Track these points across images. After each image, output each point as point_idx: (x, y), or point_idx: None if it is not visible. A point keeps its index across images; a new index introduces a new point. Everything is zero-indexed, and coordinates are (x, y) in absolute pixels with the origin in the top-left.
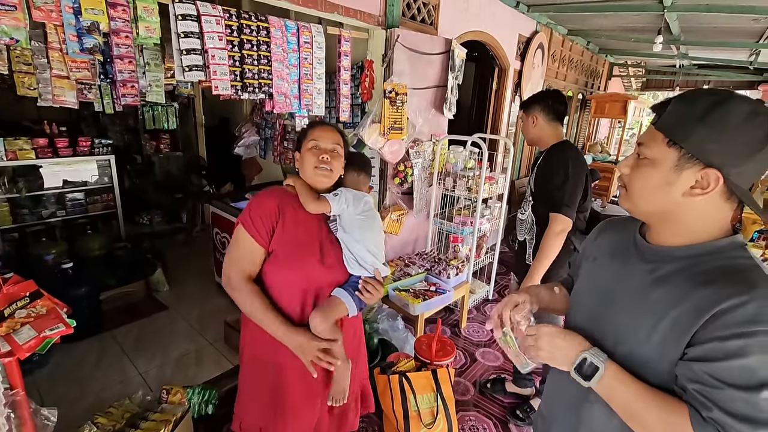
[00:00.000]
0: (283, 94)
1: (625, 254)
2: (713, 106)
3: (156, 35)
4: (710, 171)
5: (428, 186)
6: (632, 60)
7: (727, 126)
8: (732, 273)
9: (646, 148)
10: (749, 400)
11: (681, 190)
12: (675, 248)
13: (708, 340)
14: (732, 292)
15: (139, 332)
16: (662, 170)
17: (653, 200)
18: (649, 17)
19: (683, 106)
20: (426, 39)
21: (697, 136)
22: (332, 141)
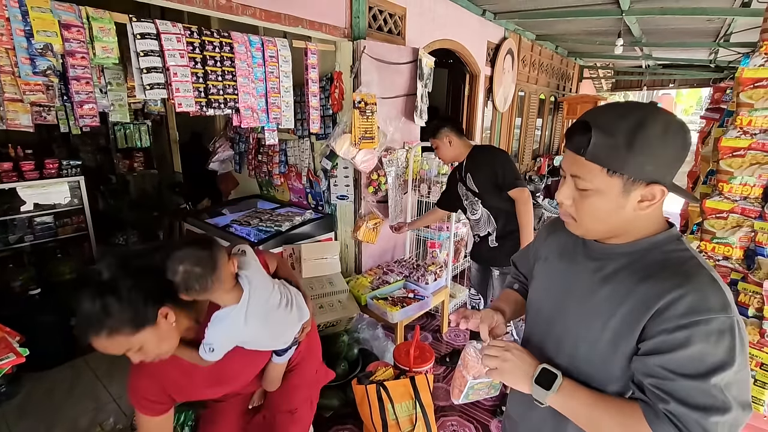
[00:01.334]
0: (250, 108)
1: (573, 254)
2: (633, 133)
3: (114, 55)
4: (653, 186)
5: (403, 193)
6: (601, 62)
7: (654, 146)
8: (670, 266)
9: (586, 181)
10: (701, 387)
11: (632, 207)
12: (618, 246)
13: (656, 334)
14: (671, 285)
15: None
16: (610, 198)
17: (607, 223)
18: (610, 21)
19: (605, 138)
20: (393, 49)
21: (633, 162)
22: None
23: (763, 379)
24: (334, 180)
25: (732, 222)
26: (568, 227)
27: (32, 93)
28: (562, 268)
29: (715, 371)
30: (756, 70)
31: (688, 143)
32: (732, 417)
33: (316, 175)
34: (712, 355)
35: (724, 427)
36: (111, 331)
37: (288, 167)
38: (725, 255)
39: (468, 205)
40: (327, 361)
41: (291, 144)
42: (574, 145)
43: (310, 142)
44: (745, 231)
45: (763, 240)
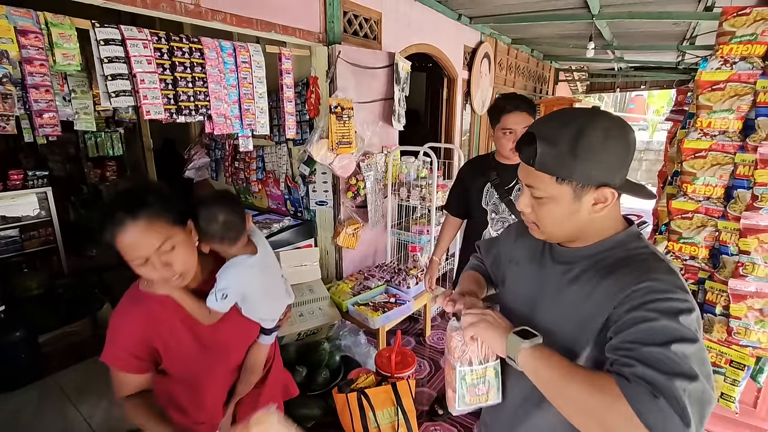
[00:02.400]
0: (223, 115)
1: (542, 258)
2: (575, 141)
3: (76, 62)
4: (603, 189)
5: (383, 197)
6: (575, 65)
7: (596, 151)
8: (632, 262)
9: (539, 189)
10: (664, 353)
11: (586, 211)
12: (583, 249)
13: (620, 317)
14: (632, 278)
15: (84, 374)
16: (564, 203)
17: (566, 227)
18: (581, 25)
19: (550, 147)
20: (369, 53)
21: (579, 169)
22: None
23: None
24: (313, 186)
25: (697, 222)
26: (532, 233)
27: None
28: (531, 273)
29: (677, 341)
30: (713, 73)
31: (631, 144)
32: (699, 386)
33: (294, 181)
34: (674, 329)
35: (691, 395)
36: (151, 215)
37: (266, 174)
38: (692, 254)
39: (497, 220)
40: (308, 369)
41: (268, 150)
42: (524, 156)
43: (287, 148)
44: (710, 230)
45: (726, 239)
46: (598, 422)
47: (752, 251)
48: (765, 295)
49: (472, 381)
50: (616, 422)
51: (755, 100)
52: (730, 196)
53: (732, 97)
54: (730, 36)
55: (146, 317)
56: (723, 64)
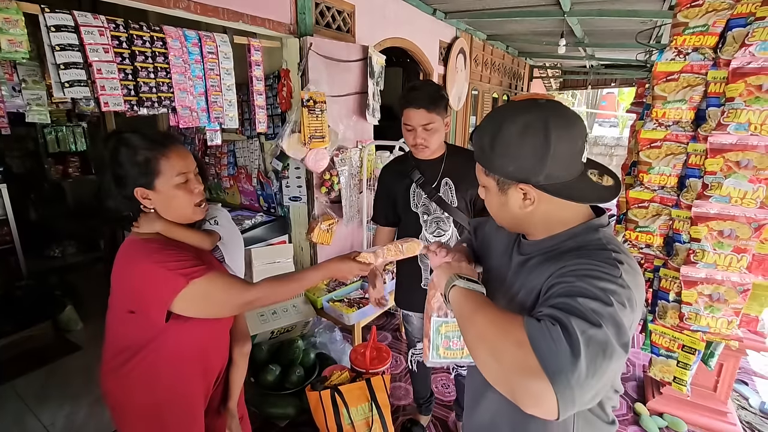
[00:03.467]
0: (188, 107)
1: (511, 252)
2: (494, 136)
3: (24, 49)
4: (523, 186)
5: (359, 193)
6: (549, 62)
7: (510, 147)
8: (579, 250)
9: (479, 177)
10: (568, 301)
11: (517, 205)
12: (540, 241)
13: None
14: (572, 257)
15: (45, 380)
16: (493, 194)
17: (503, 216)
18: (554, 22)
19: (479, 139)
20: (342, 46)
21: (497, 163)
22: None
23: (684, 360)
24: (286, 181)
25: (652, 211)
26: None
27: None
28: (502, 265)
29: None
30: (668, 63)
31: (549, 142)
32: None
33: (266, 176)
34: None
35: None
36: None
37: (237, 169)
38: (647, 243)
39: (430, 222)
40: (282, 368)
41: (240, 145)
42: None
43: (259, 142)
44: (664, 219)
45: (679, 227)
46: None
47: (702, 239)
48: (714, 281)
49: (447, 333)
50: (506, 347)
51: (706, 90)
52: (683, 185)
53: (685, 87)
54: (684, 27)
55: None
56: (677, 55)
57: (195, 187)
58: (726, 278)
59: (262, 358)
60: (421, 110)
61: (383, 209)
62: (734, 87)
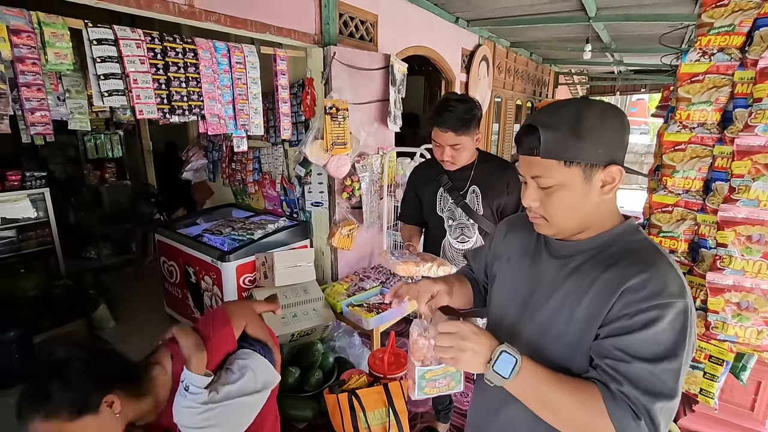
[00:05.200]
0: (216, 115)
1: (536, 253)
2: (576, 122)
3: (69, 61)
4: (610, 168)
5: (379, 199)
6: (575, 68)
7: (596, 130)
8: (632, 254)
9: (547, 178)
10: (651, 371)
11: (596, 194)
12: (582, 242)
13: (617, 318)
14: (634, 271)
15: None
16: (575, 187)
17: (577, 215)
18: (579, 28)
19: (553, 133)
20: (365, 55)
21: (584, 149)
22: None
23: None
24: (309, 187)
25: (677, 215)
26: (538, 229)
27: None
28: (525, 268)
29: (668, 356)
30: (692, 65)
31: (626, 125)
32: (674, 403)
33: (290, 182)
34: (666, 340)
35: (666, 413)
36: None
37: (262, 175)
38: (671, 248)
39: (455, 227)
40: (301, 370)
41: (265, 151)
42: (525, 147)
43: (283, 149)
44: (689, 224)
45: (705, 232)
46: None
47: (729, 244)
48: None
49: (432, 377)
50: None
51: (733, 91)
52: (709, 189)
53: (710, 88)
54: (709, 27)
55: None
56: (702, 55)
57: None
58: (755, 285)
59: (283, 360)
60: (449, 133)
61: (411, 208)
62: (762, 87)
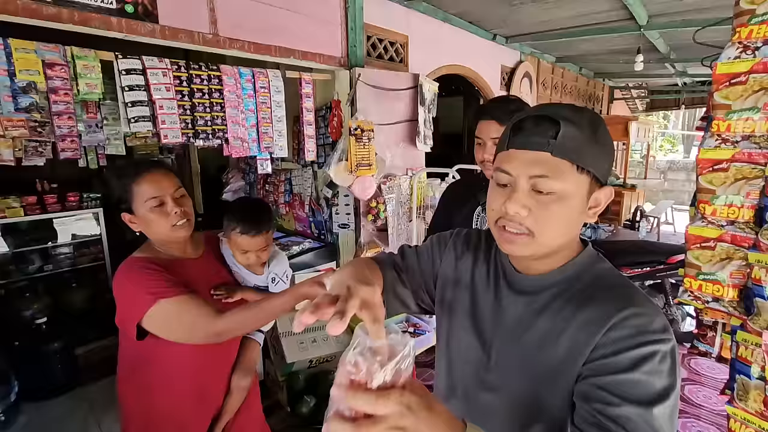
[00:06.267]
0: (240, 138)
1: (496, 287)
2: (596, 125)
3: (98, 91)
4: (606, 189)
5: (408, 221)
6: (632, 82)
7: (608, 140)
8: (605, 288)
9: (554, 180)
10: (645, 417)
11: (586, 213)
12: (546, 275)
13: (602, 357)
14: (614, 307)
15: (111, 387)
16: (576, 200)
17: (565, 234)
18: (630, 38)
19: (575, 130)
20: (391, 76)
21: (599, 157)
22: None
23: None
24: (336, 208)
25: (720, 253)
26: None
27: (15, 128)
28: (488, 303)
29: (660, 399)
30: (731, 63)
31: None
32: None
33: (318, 203)
34: (657, 380)
35: None
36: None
37: (293, 196)
38: (715, 295)
39: None
40: (317, 400)
41: (295, 173)
42: (534, 141)
43: (312, 170)
44: (738, 265)
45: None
46: None
47: None
48: None
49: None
50: None
51: None
52: (762, 220)
53: (757, 91)
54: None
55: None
56: (742, 51)
57: (171, 209)
58: None
59: (299, 387)
60: (493, 122)
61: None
62: None
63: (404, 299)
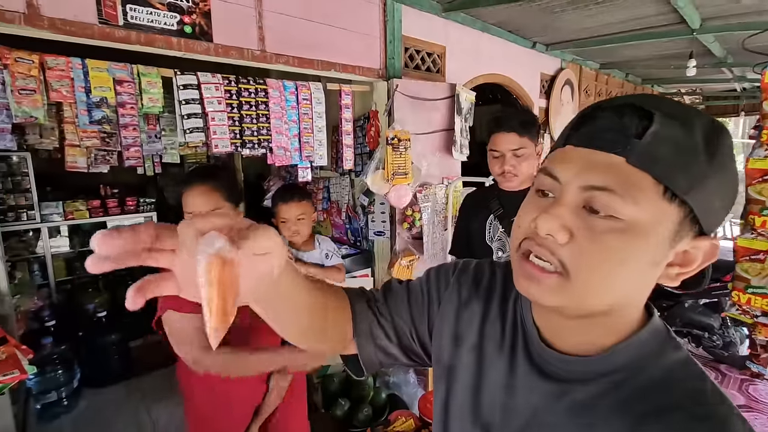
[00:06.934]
0: (283, 147)
1: (512, 353)
2: (712, 132)
3: (159, 104)
4: (706, 240)
5: (443, 230)
6: (685, 88)
7: (728, 169)
8: (680, 397)
9: (621, 199)
10: None
11: (661, 272)
12: (590, 360)
13: None
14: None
15: (161, 379)
16: (655, 241)
17: (620, 290)
18: (682, 42)
19: (678, 130)
20: (428, 86)
21: (708, 185)
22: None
23: None
24: (372, 216)
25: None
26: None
27: (88, 139)
28: (500, 377)
29: None
30: None
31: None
32: None
33: (354, 211)
34: None
35: None
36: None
37: (330, 203)
38: (764, 309)
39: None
40: (351, 404)
41: (333, 181)
42: (606, 138)
43: (350, 179)
44: None
45: None
46: None
47: None
48: None
49: None
50: None
51: None
52: None
53: None
54: None
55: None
56: None
57: None
58: None
59: (333, 389)
60: (512, 134)
61: (458, 242)
62: None
63: (387, 349)
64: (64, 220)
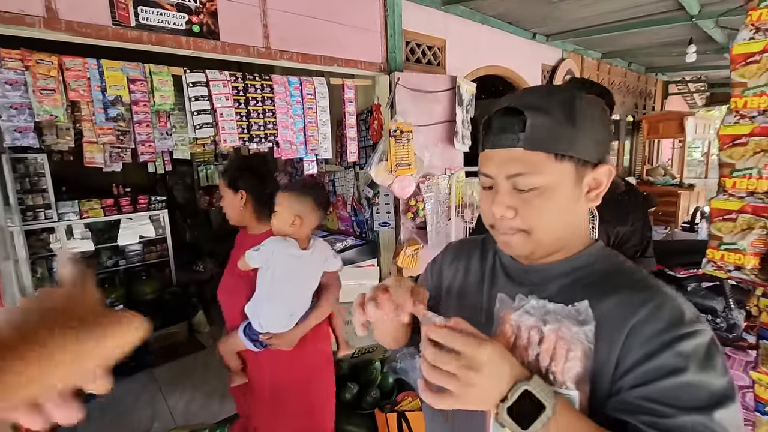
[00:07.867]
0: (289, 141)
1: (492, 278)
2: (571, 107)
3: (170, 102)
4: (602, 168)
5: (447, 219)
6: (690, 75)
7: (592, 120)
8: (624, 276)
9: (532, 175)
10: (706, 423)
11: (583, 200)
12: (554, 265)
13: (638, 362)
14: (639, 299)
15: (177, 370)
16: (565, 188)
17: (561, 226)
18: (683, 29)
19: (543, 117)
20: (429, 78)
21: (579, 139)
22: None
23: None
24: (377, 208)
25: (742, 224)
26: (509, 248)
27: (105, 135)
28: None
29: (719, 405)
30: (746, 44)
31: (608, 116)
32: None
33: (359, 203)
34: (713, 385)
35: None
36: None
37: (336, 197)
38: (737, 264)
39: None
40: (360, 387)
41: (338, 175)
42: (504, 138)
43: (354, 171)
44: (758, 233)
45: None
46: None
47: None
48: None
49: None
50: None
51: None
52: None
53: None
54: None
55: None
56: (755, 32)
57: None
58: None
59: (343, 374)
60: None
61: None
62: None
63: None
64: (80, 218)
